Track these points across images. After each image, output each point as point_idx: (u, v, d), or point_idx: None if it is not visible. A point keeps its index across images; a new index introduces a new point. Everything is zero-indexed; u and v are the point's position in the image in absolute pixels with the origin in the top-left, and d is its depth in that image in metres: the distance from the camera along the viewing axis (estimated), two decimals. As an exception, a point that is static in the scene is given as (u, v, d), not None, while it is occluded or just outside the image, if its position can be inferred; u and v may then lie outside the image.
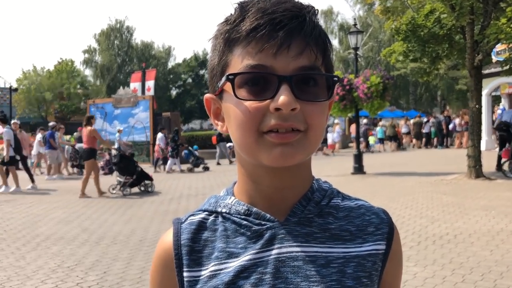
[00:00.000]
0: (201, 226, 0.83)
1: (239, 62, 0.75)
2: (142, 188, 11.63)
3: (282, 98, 0.71)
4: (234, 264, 0.77)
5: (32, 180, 12.78)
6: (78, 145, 17.59)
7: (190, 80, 56.42)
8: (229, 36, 0.76)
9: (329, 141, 24.15)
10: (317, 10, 0.78)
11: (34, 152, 17.76)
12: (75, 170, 17.75)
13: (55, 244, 6.48)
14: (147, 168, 18.46)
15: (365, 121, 27.40)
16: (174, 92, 58.44)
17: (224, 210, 0.82)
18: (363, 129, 25.51)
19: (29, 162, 17.31)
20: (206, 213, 0.84)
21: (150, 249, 6.07)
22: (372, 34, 43.28)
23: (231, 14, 0.78)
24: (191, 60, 56.10)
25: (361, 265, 0.79)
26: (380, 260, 0.82)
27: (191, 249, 0.81)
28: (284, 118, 0.72)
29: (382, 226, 0.83)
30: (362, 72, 14.26)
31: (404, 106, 46.44)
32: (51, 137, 15.90)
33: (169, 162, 17.43)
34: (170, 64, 58.96)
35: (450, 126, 24.63)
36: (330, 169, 15.58)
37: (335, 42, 47.01)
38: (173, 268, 0.82)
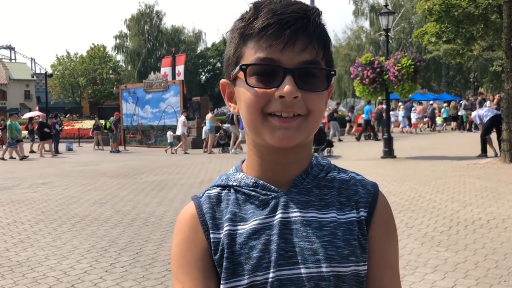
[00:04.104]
0: (217, 198, 0.95)
1: (252, 54, 0.87)
2: (326, 153, 14.74)
3: (286, 87, 0.83)
4: (245, 227, 0.90)
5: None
6: (225, 126, 18.76)
7: (219, 64, 56.36)
8: (244, 32, 0.89)
9: (413, 120, 26.33)
10: (321, 11, 0.90)
11: (178, 132, 18.89)
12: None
13: (89, 225, 6.68)
14: (179, 150, 18.80)
15: (431, 102, 30.22)
16: (203, 77, 58.65)
17: (235, 184, 0.95)
18: (430, 110, 28.26)
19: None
20: (220, 188, 0.97)
21: (181, 231, 6.18)
22: (404, 15, 42.23)
23: (246, 12, 0.91)
24: (220, 44, 55.93)
25: (349, 230, 0.91)
26: (364, 226, 0.92)
27: (213, 215, 0.93)
28: (287, 105, 0.85)
29: (366, 196, 0.95)
30: (393, 54, 13.98)
31: (436, 89, 45.40)
32: None
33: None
34: (199, 48, 59.09)
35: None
36: (361, 153, 15.45)
37: (366, 24, 46.16)
38: (198, 232, 0.92)
